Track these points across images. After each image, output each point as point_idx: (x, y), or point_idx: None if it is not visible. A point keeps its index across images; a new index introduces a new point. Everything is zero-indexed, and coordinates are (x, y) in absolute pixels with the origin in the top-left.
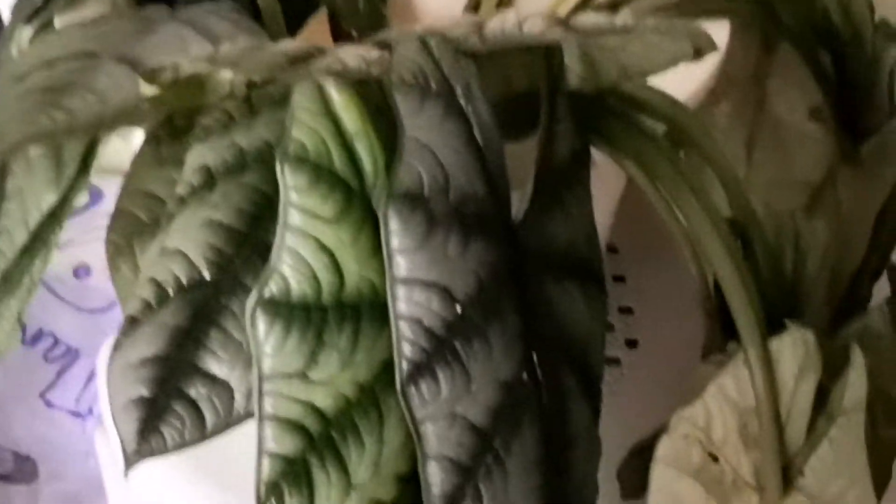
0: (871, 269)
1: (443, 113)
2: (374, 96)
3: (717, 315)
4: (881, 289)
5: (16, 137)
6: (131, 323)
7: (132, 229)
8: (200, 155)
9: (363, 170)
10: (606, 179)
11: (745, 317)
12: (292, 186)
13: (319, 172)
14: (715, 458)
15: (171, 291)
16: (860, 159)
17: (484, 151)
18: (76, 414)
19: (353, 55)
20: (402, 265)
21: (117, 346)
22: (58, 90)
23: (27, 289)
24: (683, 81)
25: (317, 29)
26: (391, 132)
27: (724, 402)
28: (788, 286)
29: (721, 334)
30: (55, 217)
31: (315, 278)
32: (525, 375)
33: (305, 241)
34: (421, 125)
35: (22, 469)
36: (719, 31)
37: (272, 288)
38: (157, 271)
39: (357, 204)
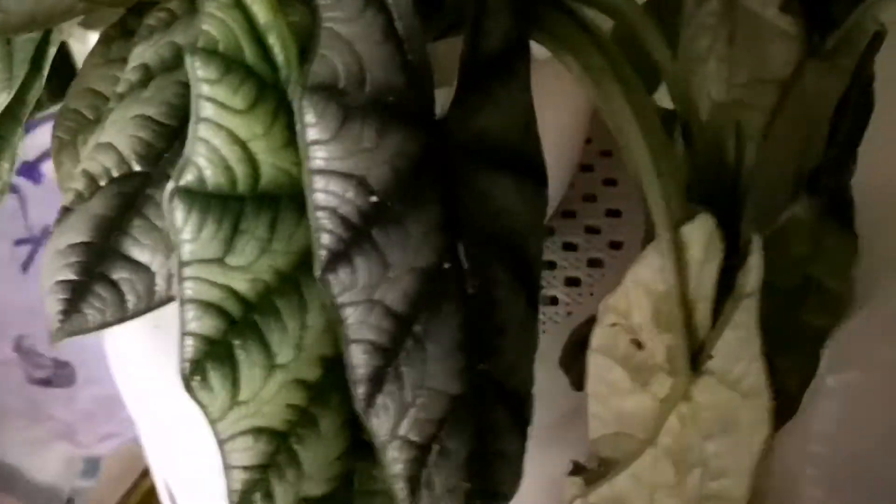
0: (834, 163)
1: (361, 4)
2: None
3: None
4: None
5: None
6: (64, 212)
7: (76, 126)
8: (141, 53)
9: (276, 62)
10: None
11: (657, 204)
12: (203, 78)
13: (230, 64)
14: (639, 345)
15: (102, 183)
16: (827, 52)
17: (404, 43)
18: None
19: None
20: (317, 156)
21: (52, 235)
22: None
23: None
24: None
25: None
26: (308, 23)
27: (640, 288)
28: (730, 177)
29: None
30: (13, 117)
31: (229, 168)
32: (447, 264)
33: (218, 132)
34: (338, 16)
35: (61, 374)
36: None
37: (188, 177)
38: (90, 164)
39: (270, 95)
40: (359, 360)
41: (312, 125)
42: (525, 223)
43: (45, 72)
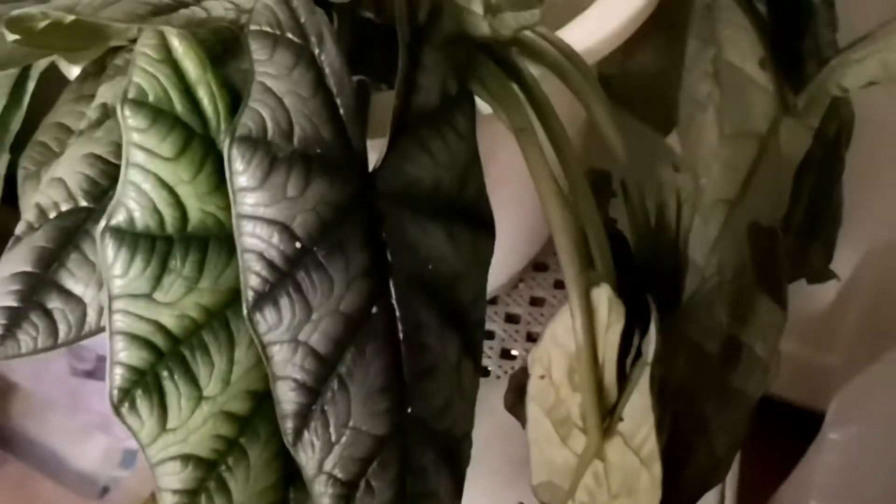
0: (795, 224)
1: (293, 60)
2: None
3: None
4: None
5: None
6: (14, 241)
7: (42, 158)
8: (104, 92)
9: (205, 113)
10: None
11: (570, 267)
12: (132, 127)
13: (158, 115)
14: (560, 401)
15: (51, 215)
16: (797, 111)
17: (336, 97)
18: None
19: (224, 5)
20: (244, 203)
21: (3, 261)
22: None
23: None
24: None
25: None
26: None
27: (557, 346)
28: (673, 239)
29: None
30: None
31: (157, 211)
32: (375, 308)
33: (146, 177)
34: (270, 71)
35: (102, 367)
36: None
37: (118, 218)
38: (42, 198)
39: (198, 144)
40: (285, 397)
41: (240, 173)
42: (457, 270)
43: (25, 102)
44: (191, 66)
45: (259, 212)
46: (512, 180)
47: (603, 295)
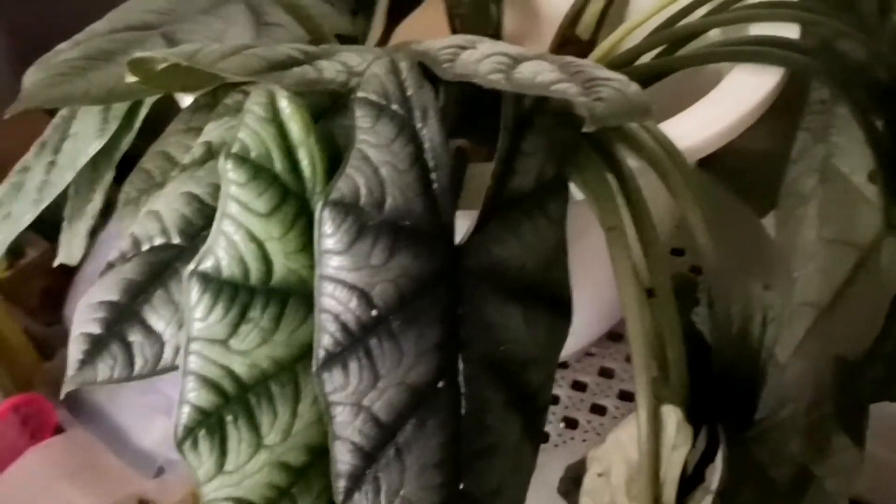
0: (886, 352)
1: (394, 133)
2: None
3: None
4: None
5: (39, 98)
6: (107, 268)
7: (144, 185)
8: (210, 131)
9: (303, 174)
10: None
11: (642, 377)
12: (232, 180)
13: (258, 171)
14: None
15: (143, 248)
16: None
17: (431, 172)
18: None
19: (336, 67)
20: (328, 264)
21: (95, 286)
22: (93, 59)
23: (91, 216)
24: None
25: (433, 10)
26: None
27: (619, 451)
28: (754, 356)
29: None
30: (108, 157)
31: (244, 262)
32: (441, 383)
33: (238, 229)
34: (370, 140)
35: None
36: (771, 75)
37: (206, 264)
38: (138, 228)
39: (292, 203)
40: (342, 457)
41: (328, 235)
42: (530, 353)
43: (137, 126)
44: (295, 127)
45: (341, 275)
46: (595, 259)
47: (672, 415)
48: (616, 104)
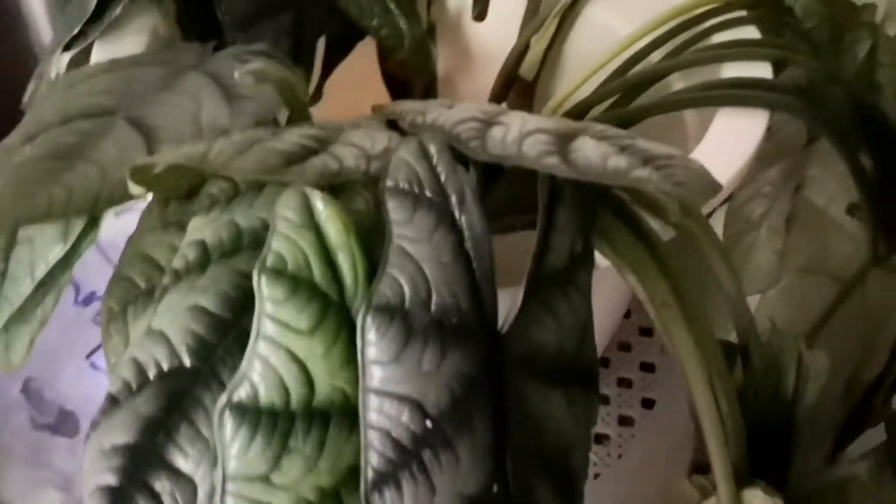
0: (891, 382)
1: (434, 223)
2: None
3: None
4: None
5: (11, 216)
6: (111, 403)
7: (128, 295)
8: (200, 228)
9: (343, 281)
10: None
11: (720, 462)
12: (268, 298)
13: (297, 284)
14: None
15: (150, 375)
16: (891, 264)
17: (473, 262)
18: None
19: (353, 153)
20: (375, 376)
21: (95, 426)
22: (61, 158)
23: (39, 321)
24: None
25: (364, 55)
26: (377, 237)
27: None
28: (787, 412)
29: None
30: (66, 264)
31: (284, 387)
32: (496, 487)
33: (277, 351)
34: (409, 235)
35: (65, 423)
36: (758, 120)
37: (241, 393)
38: (141, 352)
39: (333, 314)
40: None
41: (373, 344)
42: (569, 436)
43: (101, 225)
44: (333, 230)
45: (389, 387)
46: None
47: (759, 499)
48: (696, 187)
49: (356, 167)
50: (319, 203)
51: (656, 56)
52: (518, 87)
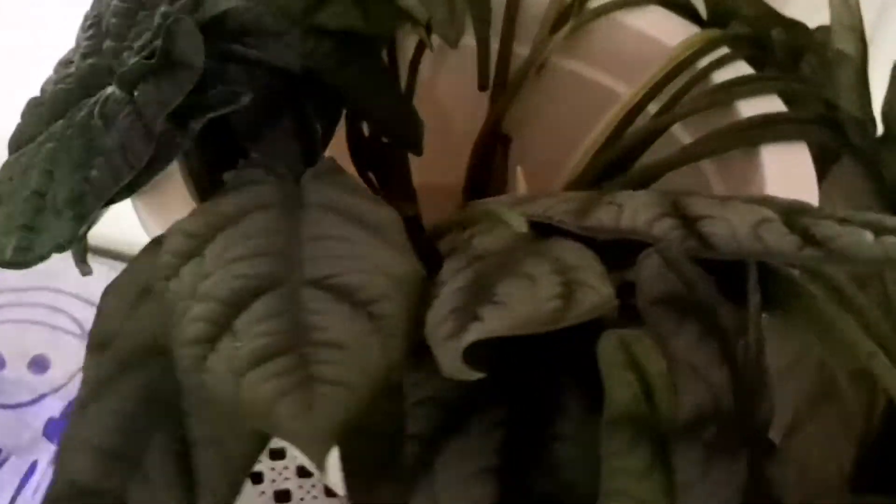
0: None
1: (700, 331)
2: None
3: None
4: None
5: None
6: None
7: None
8: None
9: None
10: None
11: None
12: (614, 452)
13: (638, 428)
14: None
15: None
16: None
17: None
18: None
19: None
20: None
21: None
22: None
23: None
24: None
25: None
26: None
27: None
28: None
29: None
30: None
31: None
32: None
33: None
34: (681, 346)
35: None
36: (803, 150)
37: None
38: None
39: (658, 446)
40: None
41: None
42: None
43: None
44: (652, 362)
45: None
46: None
47: None
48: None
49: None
50: (640, 346)
51: (653, 108)
52: (500, 141)
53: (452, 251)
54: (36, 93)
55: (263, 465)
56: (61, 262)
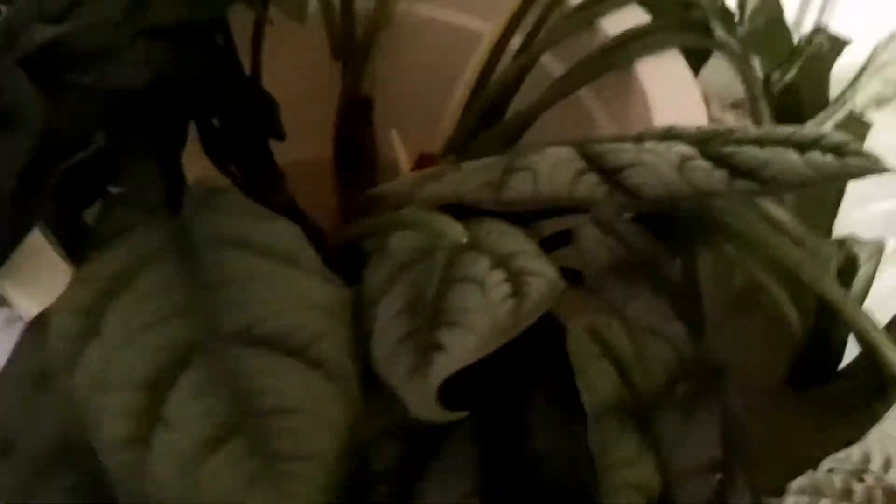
0: None
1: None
2: None
3: None
4: None
5: None
6: None
7: None
8: None
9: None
10: None
11: None
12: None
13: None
14: None
15: None
16: None
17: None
18: None
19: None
20: None
21: None
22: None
23: None
24: None
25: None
26: None
27: None
28: None
29: None
30: None
31: None
32: None
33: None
34: (637, 309)
35: None
36: (676, 60)
37: None
38: None
39: None
40: None
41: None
42: None
43: None
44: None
45: None
46: None
47: None
48: None
49: None
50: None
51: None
52: (356, 105)
53: (367, 255)
54: None
55: None
56: None
